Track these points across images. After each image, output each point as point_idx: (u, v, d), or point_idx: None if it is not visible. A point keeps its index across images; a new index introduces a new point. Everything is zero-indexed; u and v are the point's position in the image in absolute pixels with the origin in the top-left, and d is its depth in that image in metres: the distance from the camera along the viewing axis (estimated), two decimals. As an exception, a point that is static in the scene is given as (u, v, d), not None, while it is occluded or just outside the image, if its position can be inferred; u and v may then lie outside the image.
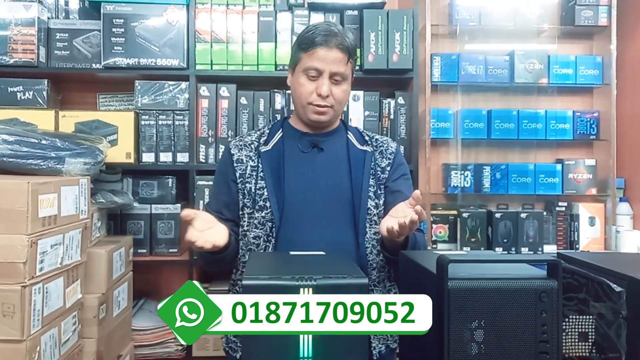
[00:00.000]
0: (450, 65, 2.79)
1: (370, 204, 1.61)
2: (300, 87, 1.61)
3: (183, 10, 2.43)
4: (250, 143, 1.68)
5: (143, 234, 2.48)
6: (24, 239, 1.43)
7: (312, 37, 1.59)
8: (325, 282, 0.96)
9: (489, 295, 0.99)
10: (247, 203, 1.61)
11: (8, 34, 2.36)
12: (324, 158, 1.64)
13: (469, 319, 1.00)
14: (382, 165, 1.67)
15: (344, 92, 1.63)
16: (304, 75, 1.60)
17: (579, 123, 2.82)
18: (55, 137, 1.89)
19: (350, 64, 1.63)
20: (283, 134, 1.69)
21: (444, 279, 0.98)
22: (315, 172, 1.62)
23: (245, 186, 1.62)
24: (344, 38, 1.60)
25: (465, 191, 2.80)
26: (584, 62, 2.83)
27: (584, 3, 2.76)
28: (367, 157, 1.66)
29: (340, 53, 1.58)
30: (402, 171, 1.71)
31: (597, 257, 1.26)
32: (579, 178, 2.81)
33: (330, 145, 1.67)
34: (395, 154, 1.71)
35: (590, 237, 2.77)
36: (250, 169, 1.63)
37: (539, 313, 0.99)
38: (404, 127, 2.53)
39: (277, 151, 1.65)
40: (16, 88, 2.41)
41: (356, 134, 1.74)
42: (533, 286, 0.99)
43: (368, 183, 1.62)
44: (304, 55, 1.60)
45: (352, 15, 2.48)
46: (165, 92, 2.45)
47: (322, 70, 1.58)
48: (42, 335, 1.53)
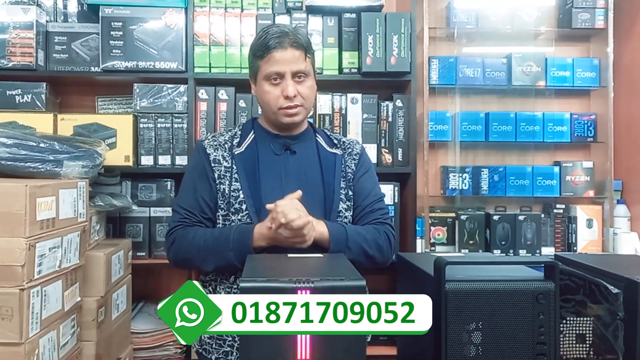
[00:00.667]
0: (448, 68, 2.79)
1: (341, 207, 1.62)
2: (266, 95, 1.61)
3: (181, 13, 2.44)
4: (224, 143, 1.67)
5: (142, 237, 2.49)
6: (22, 242, 1.43)
7: (265, 42, 1.58)
8: (323, 284, 0.97)
9: (486, 297, 0.99)
10: (221, 205, 1.60)
11: (6, 37, 2.37)
12: (296, 161, 1.65)
13: (467, 321, 1.00)
14: (350, 166, 1.69)
15: (309, 89, 1.63)
16: (267, 82, 1.60)
17: (577, 125, 2.83)
18: (54, 140, 1.90)
19: (309, 59, 1.62)
20: (255, 135, 1.69)
21: (441, 280, 0.99)
22: (289, 174, 1.62)
23: (220, 187, 1.61)
24: (296, 35, 1.60)
25: (463, 194, 2.81)
26: (581, 65, 2.83)
27: (581, 6, 2.76)
28: (338, 160, 1.67)
29: (296, 51, 1.58)
30: (365, 169, 1.72)
31: (594, 259, 1.26)
32: (577, 180, 2.82)
33: (301, 148, 1.67)
34: (360, 155, 1.73)
35: (588, 239, 2.77)
36: (224, 169, 1.62)
37: (536, 315, 0.99)
38: (402, 130, 2.54)
39: (251, 153, 1.65)
40: (15, 91, 2.41)
41: (324, 137, 1.74)
42: (530, 288, 1.00)
43: (339, 186, 1.64)
44: (262, 63, 1.60)
45: (350, 18, 2.49)
46: (163, 95, 2.46)
47: (283, 73, 1.57)
48: (41, 339, 1.53)
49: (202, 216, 1.62)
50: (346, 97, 2.53)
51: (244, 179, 1.59)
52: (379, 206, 1.68)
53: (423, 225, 2.68)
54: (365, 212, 1.65)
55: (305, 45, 1.61)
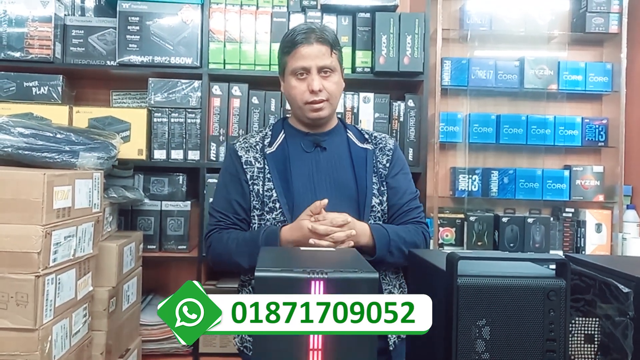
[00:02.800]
0: (460, 69, 2.81)
1: (374, 202, 1.63)
2: (293, 90, 1.63)
3: (197, 9, 2.46)
4: (255, 144, 1.69)
5: (153, 230, 2.51)
6: (39, 229, 1.45)
7: (292, 38, 1.62)
8: (337, 275, 0.98)
9: (497, 292, 1.00)
10: (256, 205, 1.63)
11: (25, 30, 2.40)
12: (327, 157, 1.66)
13: (477, 316, 1.01)
14: (382, 162, 1.69)
15: (335, 84, 1.64)
16: (293, 77, 1.62)
17: (588, 130, 2.83)
18: (70, 132, 1.92)
19: (335, 55, 1.64)
20: (285, 134, 1.71)
21: (453, 275, 1.00)
22: (320, 171, 1.64)
23: (253, 188, 1.63)
24: (323, 32, 1.62)
25: (472, 195, 2.81)
26: (594, 69, 2.84)
27: (595, 10, 2.77)
28: (369, 155, 1.68)
29: (322, 46, 1.60)
30: (400, 166, 1.72)
31: (604, 259, 1.27)
32: (587, 184, 2.82)
33: (332, 144, 1.69)
34: (393, 150, 1.73)
35: (597, 244, 2.77)
36: (257, 170, 1.64)
37: (546, 312, 1.00)
38: (413, 130, 2.55)
39: (282, 152, 1.67)
40: (32, 83, 2.45)
41: (355, 133, 1.75)
42: (542, 285, 1.00)
43: (372, 181, 1.64)
44: (288, 58, 1.62)
45: (364, 17, 2.51)
46: (178, 90, 2.48)
47: (308, 67, 1.60)
48: (54, 326, 1.55)
49: (236, 218, 1.65)
50: (358, 96, 2.54)
51: (277, 178, 1.62)
52: (414, 204, 1.69)
53: (432, 225, 2.69)
54: (403, 211, 1.66)
55: (332, 41, 1.63)
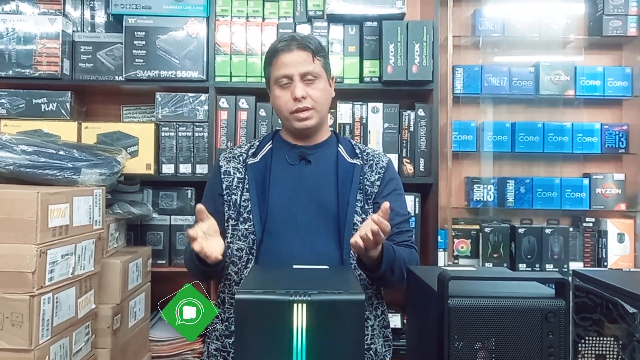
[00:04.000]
0: (473, 76, 2.74)
1: (356, 219, 1.56)
2: (277, 100, 1.60)
3: (203, 23, 2.45)
4: (240, 155, 1.67)
5: (162, 245, 2.50)
6: (33, 248, 1.44)
7: (273, 48, 1.60)
8: (320, 297, 0.94)
9: (492, 314, 0.95)
10: (232, 215, 1.59)
11: (33, 47, 2.42)
12: (311, 171, 1.61)
13: (472, 339, 0.95)
14: (371, 179, 1.62)
15: (320, 91, 1.59)
16: (277, 87, 1.59)
17: (607, 136, 2.74)
18: (74, 148, 1.92)
19: (319, 61, 1.59)
20: (272, 145, 1.67)
21: (444, 296, 0.95)
22: (301, 185, 1.59)
23: (231, 198, 1.60)
24: (304, 39, 1.59)
25: (488, 205, 2.74)
26: (613, 74, 2.74)
27: (612, 13, 2.68)
28: (356, 170, 1.62)
29: (302, 52, 1.56)
30: (393, 186, 1.66)
31: (614, 276, 1.20)
32: (607, 193, 2.72)
33: (318, 158, 1.64)
34: (386, 169, 1.66)
35: (619, 255, 2.67)
36: (236, 180, 1.61)
37: (545, 334, 0.94)
38: (424, 140, 2.49)
39: (264, 163, 1.63)
40: (41, 100, 2.46)
41: (347, 147, 1.69)
42: (539, 306, 0.95)
43: (355, 198, 1.58)
44: (271, 69, 1.60)
45: (372, 26, 2.46)
46: (185, 104, 2.47)
47: (290, 75, 1.56)
48: (52, 345, 1.54)
49: None
50: (367, 106, 2.50)
51: (254, 189, 1.58)
52: (405, 227, 1.63)
53: (446, 237, 2.63)
54: (393, 233, 1.58)
55: (314, 47, 1.59)
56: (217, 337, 1.58)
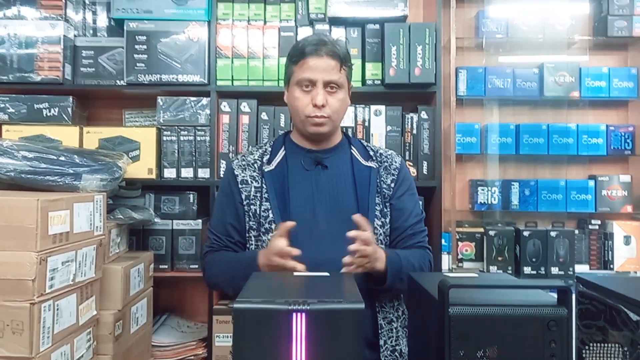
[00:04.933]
0: (476, 78, 2.72)
1: (376, 224, 1.55)
2: (296, 101, 1.57)
3: (204, 26, 2.44)
4: (253, 162, 1.64)
5: (165, 250, 2.48)
6: (33, 256, 1.43)
7: (302, 48, 1.56)
8: (319, 306, 0.92)
9: (493, 323, 0.93)
10: (252, 225, 1.58)
11: (35, 52, 2.41)
12: (328, 176, 1.60)
13: (473, 348, 0.94)
14: (387, 182, 1.62)
15: (340, 101, 1.57)
16: (298, 88, 1.56)
17: (613, 137, 2.71)
18: (75, 154, 1.91)
19: (344, 71, 1.58)
20: (286, 151, 1.65)
21: (444, 304, 0.93)
22: (320, 191, 1.57)
23: (250, 208, 1.58)
24: (335, 45, 1.56)
25: (492, 208, 2.72)
26: (618, 75, 2.72)
27: (617, 13, 2.66)
28: (373, 174, 1.61)
29: (331, 60, 1.54)
30: (406, 186, 1.65)
31: (617, 282, 1.18)
32: (614, 195, 2.70)
33: (334, 162, 1.62)
34: (399, 169, 1.65)
35: (626, 257, 2.64)
36: (254, 190, 1.59)
37: (547, 343, 0.93)
38: (427, 143, 2.47)
39: (281, 170, 1.61)
40: (42, 105, 2.46)
41: (360, 149, 1.68)
42: (541, 314, 0.93)
43: (374, 202, 1.57)
44: (296, 68, 1.57)
45: (374, 29, 2.45)
46: (186, 108, 2.46)
47: (315, 80, 1.53)
48: (53, 353, 1.53)
49: (229, 240, 1.61)
50: (369, 109, 2.48)
51: (274, 199, 1.56)
52: (420, 228, 1.63)
53: (450, 240, 2.61)
54: (407, 234, 1.59)
55: (342, 56, 1.57)
56: None
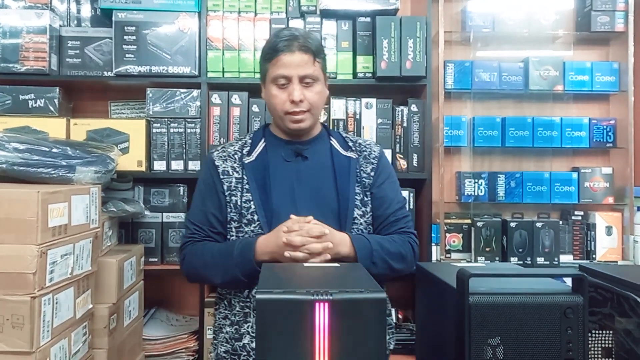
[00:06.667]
0: (463, 72, 2.75)
1: (356, 213, 1.57)
2: (273, 99, 1.58)
3: (195, 17, 2.42)
4: (234, 154, 1.64)
5: (154, 243, 2.47)
6: (34, 249, 1.41)
7: (274, 45, 1.56)
8: (342, 296, 0.93)
9: (511, 311, 0.95)
10: (233, 216, 1.57)
11: (20, 41, 2.36)
12: (308, 167, 1.61)
13: (491, 335, 0.96)
14: (367, 171, 1.63)
15: (317, 94, 1.58)
16: (274, 86, 1.57)
17: (595, 131, 2.77)
18: (66, 146, 1.88)
19: (318, 63, 1.58)
20: (266, 143, 1.65)
21: (464, 293, 0.95)
22: (301, 182, 1.58)
23: (231, 199, 1.58)
24: (306, 39, 1.56)
25: (479, 200, 2.76)
26: (600, 69, 2.78)
27: (600, 9, 2.71)
28: (352, 164, 1.62)
29: (304, 55, 1.54)
30: (386, 174, 1.67)
31: (622, 270, 1.22)
32: (596, 187, 2.76)
33: (314, 153, 1.63)
34: (379, 158, 1.67)
35: (607, 247, 2.71)
36: (235, 181, 1.59)
37: (564, 329, 0.95)
38: (417, 135, 2.50)
39: (262, 162, 1.61)
40: (27, 96, 2.40)
41: (339, 140, 1.69)
42: (558, 302, 0.95)
43: (354, 192, 1.59)
44: (270, 66, 1.57)
45: (365, 22, 2.46)
46: (176, 100, 2.44)
47: (289, 76, 1.54)
48: (52, 347, 1.51)
49: (212, 231, 1.60)
50: (360, 102, 2.49)
51: (255, 190, 1.56)
52: (402, 214, 1.64)
53: (438, 231, 2.64)
54: (389, 222, 1.61)
55: (315, 49, 1.57)
56: (227, 339, 1.56)
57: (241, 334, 1.52)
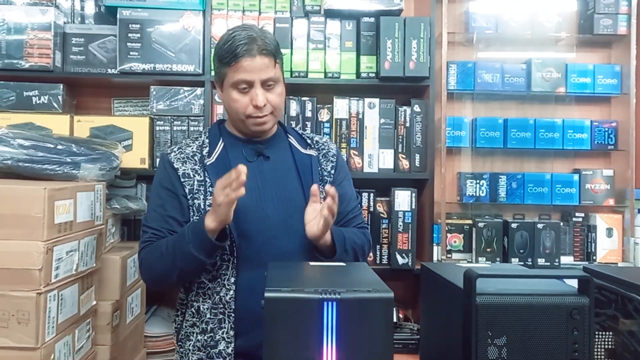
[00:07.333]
0: (466, 73, 2.76)
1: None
2: (235, 103, 1.52)
3: (199, 16, 2.42)
4: (192, 155, 1.57)
5: (156, 240, 2.46)
6: (40, 245, 1.41)
7: (232, 48, 1.47)
8: (350, 295, 0.94)
9: (518, 311, 0.96)
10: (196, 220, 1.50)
11: (24, 38, 2.36)
12: (271, 166, 1.58)
13: (497, 336, 0.97)
14: (327, 169, 1.63)
15: (279, 96, 1.55)
16: (235, 90, 1.50)
17: (597, 133, 2.78)
18: (71, 142, 1.89)
19: (278, 64, 1.54)
20: (224, 143, 1.60)
21: (472, 294, 0.96)
22: (265, 182, 1.55)
23: (194, 202, 1.51)
24: (265, 41, 1.50)
25: (480, 200, 2.77)
26: (602, 71, 2.79)
27: (603, 11, 2.72)
28: (314, 162, 1.61)
29: (265, 58, 1.48)
30: (344, 172, 1.68)
31: (626, 272, 1.22)
32: (597, 188, 2.77)
33: (275, 152, 1.60)
34: (337, 156, 1.67)
35: (608, 249, 2.72)
36: (197, 183, 1.53)
37: (570, 331, 0.96)
38: (419, 136, 2.51)
39: (223, 163, 1.55)
40: (31, 92, 2.41)
41: (297, 138, 1.67)
42: (564, 303, 0.96)
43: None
44: (229, 70, 1.50)
45: (369, 22, 2.47)
46: (180, 98, 2.45)
47: (251, 81, 1.48)
48: (57, 343, 1.52)
49: (170, 233, 1.51)
50: (363, 102, 2.50)
51: None
52: (358, 210, 1.67)
53: (439, 232, 2.65)
54: (349, 218, 1.61)
55: (274, 51, 1.52)
56: (199, 347, 1.49)
57: (216, 341, 1.47)
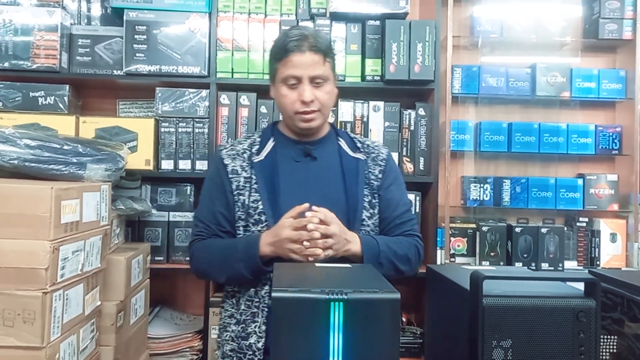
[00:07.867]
0: (471, 76, 2.76)
1: (364, 215, 1.57)
2: (283, 98, 1.57)
3: (205, 18, 2.43)
4: (243, 152, 1.63)
5: (160, 242, 2.48)
6: (46, 245, 1.41)
7: (284, 44, 1.55)
8: (357, 296, 0.94)
9: (524, 313, 0.96)
10: (241, 216, 1.57)
11: (31, 39, 2.37)
12: (317, 167, 1.61)
13: (503, 338, 0.97)
14: (375, 173, 1.63)
15: (327, 94, 1.58)
16: (284, 85, 1.56)
17: (601, 137, 2.78)
18: (77, 143, 1.89)
19: (328, 63, 1.58)
20: (275, 142, 1.65)
21: (478, 295, 0.96)
22: (310, 182, 1.58)
23: (239, 198, 1.57)
24: (316, 39, 1.56)
25: (484, 204, 2.77)
26: (607, 76, 2.79)
27: (608, 16, 2.72)
28: (361, 165, 1.62)
29: (315, 55, 1.54)
30: (393, 177, 1.67)
31: (631, 276, 1.22)
32: (601, 193, 2.77)
33: (322, 154, 1.63)
34: (386, 160, 1.68)
35: (612, 254, 2.72)
36: (243, 180, 1.58)
37: (576, 333, 0.96)
38: (424, 139, 2.51)
39: (270, 161, 1.60)
40: (37, 93, 2.42)
41: (347, 140, 1.69)
42: (570, 305, 0.96)
43: (362, 193, 1.59)
44: (279, 65, 1.56)
45: (374, 25, 2.47)
46: (185, 100, 2.45)
47: (300, 77, 1.54)
48: (62, 342, 1.51)
49: (220, 229, 1.60)
50: (368, 105, 2.51)
51: (264, 190, 1.56)
52: (408, 217, 1.65)
53: (443, 235, 2.65)
54: (396, 224, 1.61)
55: (325, 49, 1.57)
56: (233, 338, 1.56)
57: (248, 333, 1.52)
